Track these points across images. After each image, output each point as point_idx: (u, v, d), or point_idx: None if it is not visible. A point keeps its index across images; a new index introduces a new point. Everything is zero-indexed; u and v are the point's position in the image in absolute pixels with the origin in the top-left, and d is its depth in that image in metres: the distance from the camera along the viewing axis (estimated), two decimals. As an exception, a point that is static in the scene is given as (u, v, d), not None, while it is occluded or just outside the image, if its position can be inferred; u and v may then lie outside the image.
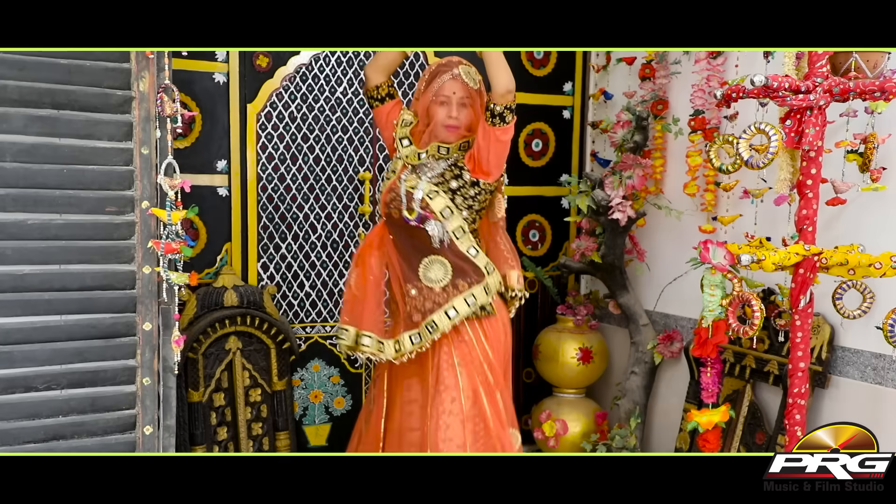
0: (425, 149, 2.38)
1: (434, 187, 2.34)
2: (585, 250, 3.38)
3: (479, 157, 2.31)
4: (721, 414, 2.36)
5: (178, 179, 2.09)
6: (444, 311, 2.34)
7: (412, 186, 2.35)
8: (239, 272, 3.16)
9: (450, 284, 2.35)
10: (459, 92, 2.30)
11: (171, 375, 2.13)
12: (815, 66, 2.08)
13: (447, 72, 2.31)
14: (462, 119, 2.33)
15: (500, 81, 2.24)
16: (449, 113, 2.31)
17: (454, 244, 2.35)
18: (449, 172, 2.36)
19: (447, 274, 2.35)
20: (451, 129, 2.32)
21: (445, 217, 2.33)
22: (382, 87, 2.44)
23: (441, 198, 2.33)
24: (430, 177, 2.36)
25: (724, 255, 2.10)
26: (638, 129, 3.21)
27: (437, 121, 2.33)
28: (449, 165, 2.37)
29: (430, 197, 2.32)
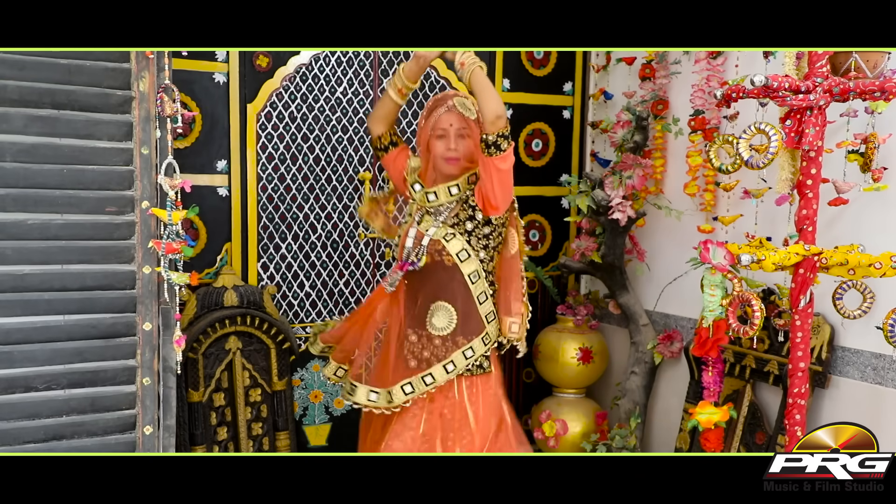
0: (433, 188, 2.32)
1: (450, 229, 2.28)
2: (585, 250, 3.38)
3: (485, 193, 2.24)
4: (721, 413, 2.36)
5: (179, 179, 2.08)
6: (444, 366, 2.27)
7: (426, 230, 2.31)
8: (239, 272, 3.16)
9: (450, 338, 2.28)
10: (456, 123, 2.27)
11: (171, 375, 2.13)
12: (815, 66, 2.08)
13: (442, 105, 2.28)
14: (461, 150, 2.28)
15: (489, 108, 2.17)
16: (447, 145, 2.27)
17: (469, 289, 2.29)
18: (463, 213, 2.31)
19: (451, 323, 2.29)
20: (451, 161, 2.28)
21: (462, 260, 2.27)
22: (384, 136, 2.42)
23: (457, 240, 2.27)
24: (445, 218, 2.31)
25: (724, 255, 2.10)
26: (638, 129, 3.21)
27: (436, 154, 2.29)
28: (462, 205, 2.31)
29: (447, 239, 2.27)
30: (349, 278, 3.40)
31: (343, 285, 3.39)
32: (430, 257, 2.29)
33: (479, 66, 2.21)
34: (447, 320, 2.29)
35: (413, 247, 2.30)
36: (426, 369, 2.27)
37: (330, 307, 3.37)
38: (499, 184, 2.22)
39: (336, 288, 3.38)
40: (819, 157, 2.11)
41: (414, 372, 2.28)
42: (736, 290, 2.17)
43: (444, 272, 2.29)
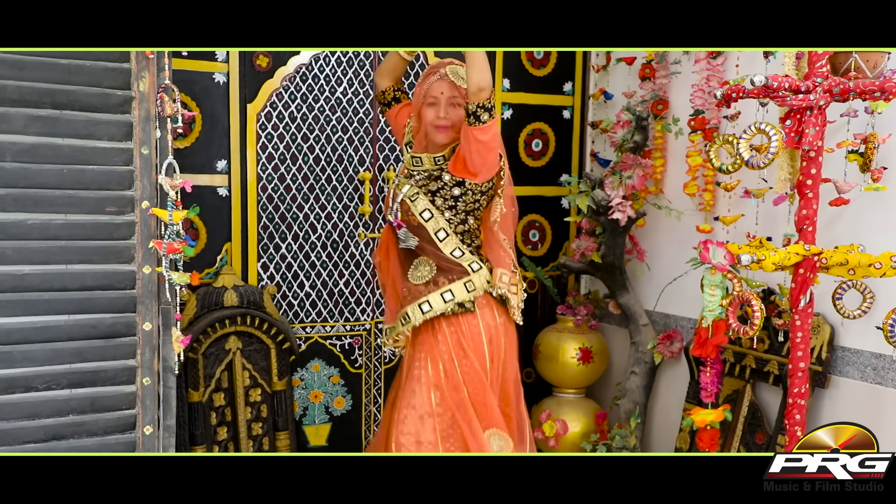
0: (419, 154, 2.39)
1: (417, 189, 2.37)
2: (585, 250, 3.38)
3: (463, 157, 2.30)
4: (716, 414, 2.36)
5: (179, 179, 2.08)
6: (419, 305, 2.36)
7: (399, 189, 2.42)
8: (239, 272, 3.16)
9: (431, 281, 2.37)
10: (448, 91, 2.31)
11: (171, 375, 2.13)
12: (815, 66, 2.08)
13: (435, 72, 2.33)
14: (452, 118, 2.32)
15: (472, 79, 2.20)
16: (437, 113, 2.31)
17: (437, 245, 2.36)
18: (431, 175, 2.37)
19: (431, 272, 2.38)
20: (440, 128, 2.32)
21: (426, 219, 2.36)
22: (388, 91, 2.49)
23: (422, 199, 2.36)
24: (417, 179, 2.39)
25: (724, 255, 2.10)
26: (638, 129, 3.21)
27: (426, 121, 2.34)
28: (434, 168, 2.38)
29: (412, 199, 2.37)
30: (349, 278, 3.40)
31: (343, 285, 3.39)
32: (404, 216, 2.40)
33: None
34: (427, 270, 2.39)
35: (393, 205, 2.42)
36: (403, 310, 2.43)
37: (330, 307, 3.37)
38: (476, 153, 2.26)
39: (336, 288, 3.38)
40: (819, 157, 2.11)
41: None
42: (736, 290, 2.17)
43: (414, 230, 2.39)
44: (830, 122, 2.23)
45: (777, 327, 2.68)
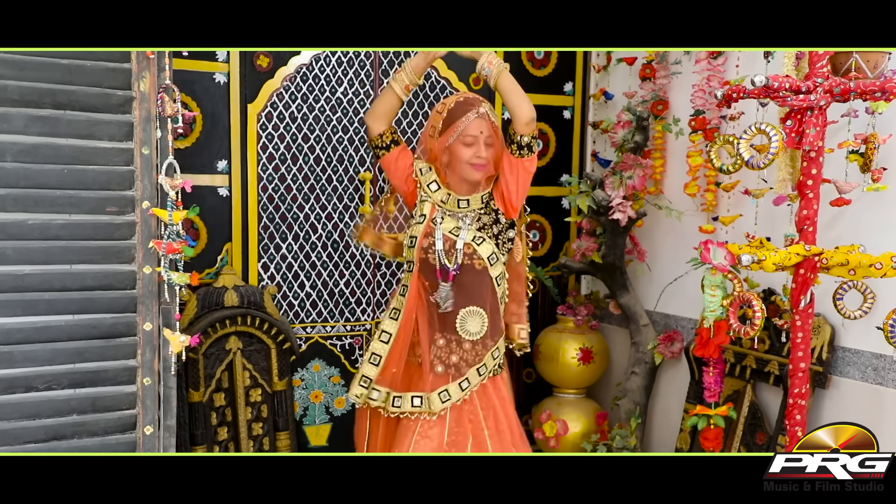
0: (466, 196, 2.29)
1: (478, 233, 2.26)
2: (586, 250, 3.38)
3: (508, 195, 2.26)
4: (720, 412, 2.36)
5: (179, 179, 2.08)
6: (477, 369, 2.27)
7: (451, 231, 2.26)
8: (239, 272, 3.16)
9: (480, 342, 2.27)
10: (486, 131, 2.24)
11: (172, 375, 2.13)
12: (815, 67, 2.08)
13: (472, 110, 2.23)
14: (489, 157, 2.26)
15: (523, 110, 2.21)
16: (477, 153, 2.23)
17: (495, 291, 2.29)
18: (486, 217, 2.29)
19: (483, 327, 2.27)
20: (478, 167, 2.24)
21: (491, 264, 2.26)
22: (386, 134, 2.32)
23: (487, 244, 2.26)
24: (469, 222, 2.28)
25: (725, 256, 2.10)
26: (638, 129, 3.21)
27: (461, 160, 2.24)
28: (484, 209, 2.30)
29: (477, 243, 2.25)
30: (349, 278, 3.40)
31: (343, 285, 3.39)
32: (466, 261, 2.25)
33: (506, 68, 2.22)
34: (479, 325, 2.27)
35: (447, 251, 2.25)
36: (459, 375, 2.25)
37: (330, 307, 3.37)
38: (523, 185, 2.28)
39: (336, 288, 3.38)
40: (820, 158, 2.11)
41: (443, 378, 2.25)
42: (737, 290, 2.17)
43: (474, 276, 2.26)
44: (831, 123, 2.23)
45: (779, 327, 2.67)
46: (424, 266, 2.28)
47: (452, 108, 2.26)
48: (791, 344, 2.21)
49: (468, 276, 2.25)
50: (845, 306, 2.25)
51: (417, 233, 2.28)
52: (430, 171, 2.33)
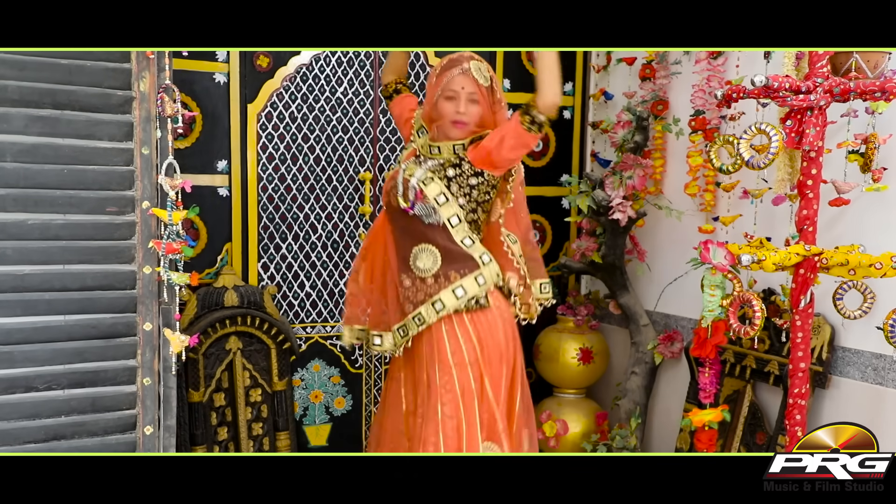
0: (438, 143, 2.33)
1: (430, 174, 2.29)
2: (586, 250, 3.38)
3: (490, 148, 2.25)
4: (714, 415, 2.36)
5: (179, 179, 2.08)
6: (432, 303, 2.26)
7: (411, 174, 2.30)
8: (239, 272, 3.16)
9: (441, 274, 2.27)
10: (468, 87, 2.25)
11: (172, 375, 2.13)
12: (815, 67, 2.08)
13: (456, 66, 2.26)
14: (471, 114, 2.27)
15: (554, 91, 2.23)
16: (457, 108, 2.25)
17: (448, 231, 2.28)
18: (448, 162, 2.31)
19: (436, 263, 2.27)
20: (458, 124, 2.27)
21: (440, 203, 2.26)
22: (391, 84, 2.54)
23: (435, 184, 2.27)
24: (430, 165, 2.32)
25: (725, 256, 2.10)
26: (638, 129, 3.21)
27: (443, 115, 2.27)
28: (455, 159, 2.32)
29: (425, 183, 2.27)
30: (349, 278, 3.40)
31: (343, 285, 3.39)
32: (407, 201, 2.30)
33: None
34: (431, 261, 2.29)
35: (404, 192, 2.29)
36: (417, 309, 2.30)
37: (330, 307, 3.37)
38: (512, 150, 2.26)
39: (336, 288, 3.38)
40: (819, 158, 2.11)
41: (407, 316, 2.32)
42: (736, 290, 2.17)
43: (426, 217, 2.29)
44: (831, 123, 2.23)
45: (779, 327, 2.67)
46: (389, 207, 2.38)
47: (442, 65, 2.32)
48: (791, 344, 2.21)
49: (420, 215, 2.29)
50: (845, 306, 2.25)
51: (386, 176, 2.45)
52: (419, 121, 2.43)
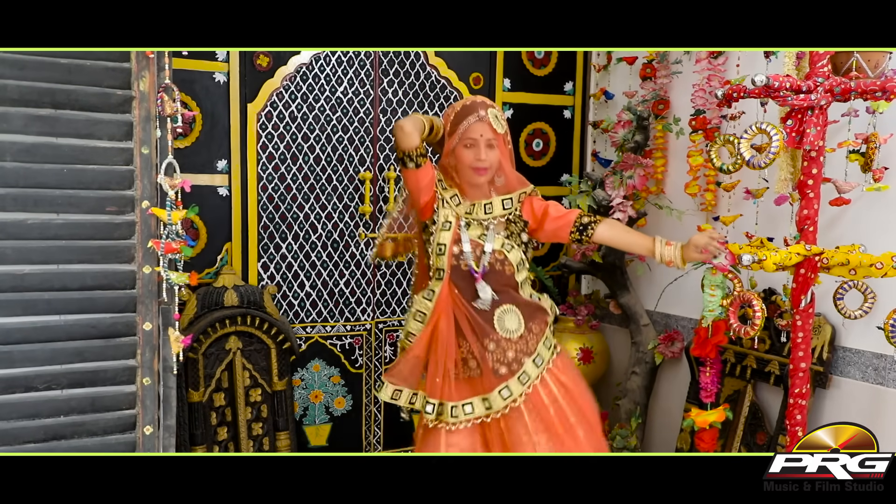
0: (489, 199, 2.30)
1: (507, 241, 2.29)
2: (586, 250, 3.38)
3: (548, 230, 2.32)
4: (717, 414, 2.36)
5: (179, 179, 2.08)
6: (532, 360, 2.27)
7: (479, 237, 2.27)
8: (239, 272, 3.16)
9: (525, 331, 2.27)
10: (486, 134, 2.22)
11: (171, 375, 2.13)
12: (816, 66, 2.08)
13: (472, 114, 2.22)
14: (491, 160, 2.25)
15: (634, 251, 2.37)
16: (477, 155, 2.22)
17: (520, 293, 2.31)
18: (515, 226, 2.32)
19: (521, 323, 2.27)
20: (479, 171, 2.24)
21: (518, 270, 2.30)
22: (420, 146, 2.22)
23: (516, 251, 2.29)
24: (495, 228, 2.30)
25: (725, 255, 2.10)
26: (639, 128, 3.21)
27: (463, 163, 2.25)
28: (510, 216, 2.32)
29: (507, 250, 2.27)
30: (349, 278, 3.40)
31: (343, 285, 3.39)
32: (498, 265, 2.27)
33: (680, 251, 2.19)
34: (517, 321, 2.27)
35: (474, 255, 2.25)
36: (519, 369, 2.24)
37: (330, 307, 3.37)
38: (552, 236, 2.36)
39: (336, 288, 3.38)
40: (820, 157, 2.11)
41: (507, 378, 2.23)
42: (737, 290, 2.17)
43: (502, 280, 2.27)
44: (832, 122, 2.23)
45: (780, 327, 2.67)
46: (456, 272, 2.27)
47: (458, 112, 2.26)
48: (791, 344, 2.21)
49: (496, 280, 2.26)
50: (846, 306, 2.25)
51: (446, 240, 2.27)
52: (448, 188, 2.33)
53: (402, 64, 3.39)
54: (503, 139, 2.28)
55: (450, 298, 2.26)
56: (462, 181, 2.30)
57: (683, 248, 2.18)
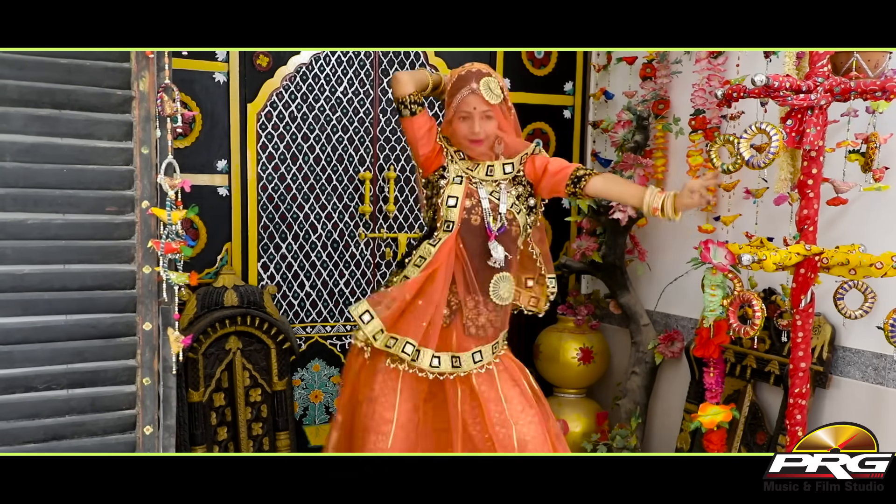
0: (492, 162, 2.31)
1: (516, 201, 2.30)
2: (586, 250, 3.37)
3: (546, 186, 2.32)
4: (724, 414, 2.35)
5: (178, 179, 2.08)
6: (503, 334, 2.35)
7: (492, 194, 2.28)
8: (239, 272, 3.16)
9: (503, 308, 2.31)
10: (480, 106, 2.22)
11: (171, 375, 2.13)
12: (816, 66, 2.08)
13: (465, 86, 2.22)
14: (488, 130, 2.24)
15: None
16: (472, 128, 2.23)
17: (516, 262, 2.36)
18: (521, 188, 2.32)
19: (510, 293, 2.31)
20: (475, 143, 2.26)
21: (523, 233, 2.33)
22: (414, 94, 2.26)
23: (524, 213, 2.31)
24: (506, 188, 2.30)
25: (725, 255, 2.10)
26: (639, 128, 3.21)
27: (460, 135, 2.26)
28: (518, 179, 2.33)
29: (516, 211, 2.28)
30: (349, 278, 3.40)
31: (343, 285, 3.39)
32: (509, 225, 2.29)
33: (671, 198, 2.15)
34: (508, 290, 2.31)
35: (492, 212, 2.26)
36: (491, 337, 2.30)
37: (330, 307, 3.37)
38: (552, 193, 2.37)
39: (336, 288, 3.38)
40: (820, 157, 2.11)
41: (477, 340, 2.27)
42: (737, 290, 2.17)
43: (510, 242, 2.28)
44: (831, 122, 2.23)
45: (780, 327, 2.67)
46: (466, 226, 2.26)
47: (454, 83, 2.26)
48: (791, 344, 2.21)
49: (505, 242, 2.27)
50: (846, 306, 2.25)
51: (458, 193, 2.26)
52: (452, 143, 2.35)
53: (402, 64, 3.39)
54: (499, 108, 2.26)
55: (454, 251, 2.26)
56: (462, 149, 2.33)
57: (677, 195, 2.14)
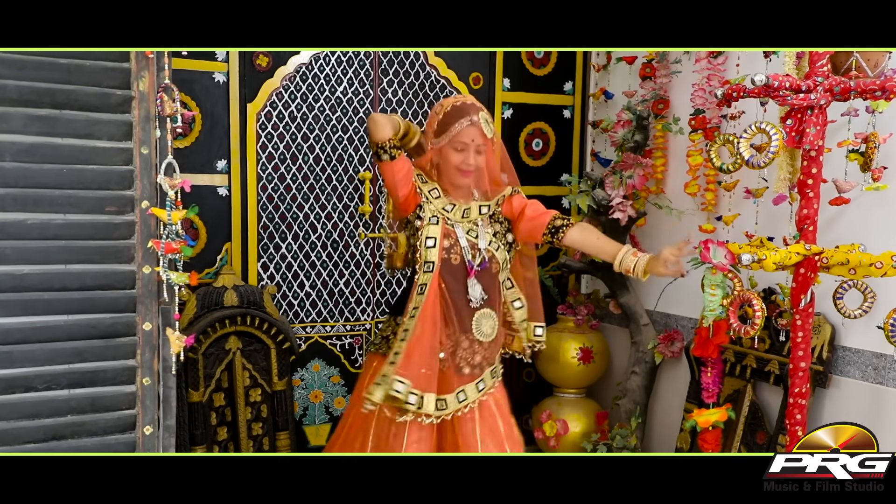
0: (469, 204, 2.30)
1: (494, 238, 2.31)
2: (585, 250, 3.37)
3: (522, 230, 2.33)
4: (719, 414, 2.35)
5: (178, 179, 2.08)
6: (491, 371, 2.32)
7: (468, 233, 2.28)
8: (239, 272, 3.16)
9: (493, 344, 2.31)
10: (477, 140, 2.22)
11: (171, 375, 2.13)
12: (815, 66, 2.08)
13: (465, 117, 2.21)
14: (478, 164, 2.26)
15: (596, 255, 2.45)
16: (465, 159, 2.22)
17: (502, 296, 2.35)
18: (500, 226, 2.34)
19: (494, 329, 2.31)
20: (465, 173, 2.25)
21: (503, 269, 2.33)
22: (394, 139, 2.20)
23: (502, 250, 2.31)
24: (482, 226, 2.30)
25: (725, 255, 2.10)
26: (638, 128, 3.21)
27: (450, 164, 2.24)
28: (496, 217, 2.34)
29: (494, 248, 2.29)
30: (349, 278, 3.40)
31: (343, 285, 3.39)
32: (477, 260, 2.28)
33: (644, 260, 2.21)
34: (491, 327, 2.30)
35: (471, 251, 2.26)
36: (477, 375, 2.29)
37: (330, 307, 3.37)
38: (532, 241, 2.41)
39: (336, 288, 3.38)
40: (820, 157, 2.11)
41: (468, 379, 2.27)
42: (737, 289, 2.17)
43: (490, 279, 2.29)
44: (831, 122, 2.23)
45: (779, 327, 2.67)
46: (446, 266, 2.25)
47: (448, 112, 2.24)
48: (791, 343, 2.21)
49: (485, 279, 2.28)
50: (845, 305, 2.25)
51: (436, 233, 2.25)
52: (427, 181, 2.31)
53: (402, 64, 3.39)
54: (491, 143, 2.27)
55: (438, 291, 2.25)
56: (443, 180, 2.30)
57: (652, 259, 2.17)
